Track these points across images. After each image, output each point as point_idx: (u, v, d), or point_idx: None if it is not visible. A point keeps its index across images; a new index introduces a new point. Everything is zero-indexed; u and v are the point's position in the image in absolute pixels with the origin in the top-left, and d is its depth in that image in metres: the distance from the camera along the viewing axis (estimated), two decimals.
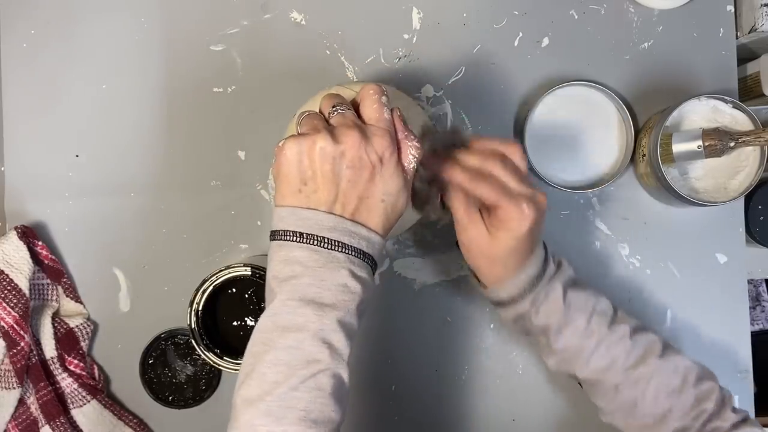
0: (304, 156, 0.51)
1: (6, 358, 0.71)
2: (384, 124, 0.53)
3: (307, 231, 0.51)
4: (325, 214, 0.51)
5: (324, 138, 0.50)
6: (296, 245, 0.51)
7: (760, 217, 0.78)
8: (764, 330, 1.06)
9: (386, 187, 0.52)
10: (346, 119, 0.52)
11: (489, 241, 0.58)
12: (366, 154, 0.51)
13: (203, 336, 0.72)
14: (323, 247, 0.51)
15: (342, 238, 0.51)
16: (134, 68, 0.78)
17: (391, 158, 0.52)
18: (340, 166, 0.51)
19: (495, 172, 0.57)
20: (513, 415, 0.77)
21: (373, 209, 0.52)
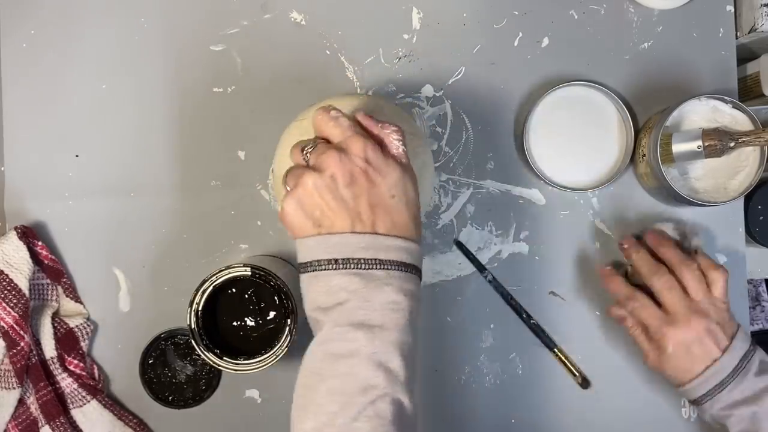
0: (304, 203, 0.51)
1: (6, 358, 0.71)
2: (349, 130, 0.52)
3: (341, 256, 0.50)
4: (355, 235, 0.50)
5: (310, 176, 0.50)
6: (333, 273, 0.50)
7: (760, 217, 0.78)
8: (764, 330, 1.06)
9: (387, 181, 0.51)
10: (317, 150, 0.52)
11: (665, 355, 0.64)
12: (352, 165, 0.50)
13: (203, 336, 0.72)
14: (362, 269, 0.49)
15: (378, 254, 0.50)
16: (134, 68, 0.78)
17: (375, 153, 0.51)
18: (338, 190, 0.50)
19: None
20: (513, 416, 0.77)
21: (391, 210, 0.51)
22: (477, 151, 0.78)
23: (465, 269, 0.77)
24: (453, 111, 0.78)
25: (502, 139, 0.78)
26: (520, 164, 0.78)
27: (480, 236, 0.78)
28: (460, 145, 0.78)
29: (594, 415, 0.77)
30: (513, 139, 0.78)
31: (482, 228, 0.78)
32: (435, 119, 0.78)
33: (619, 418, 0.77)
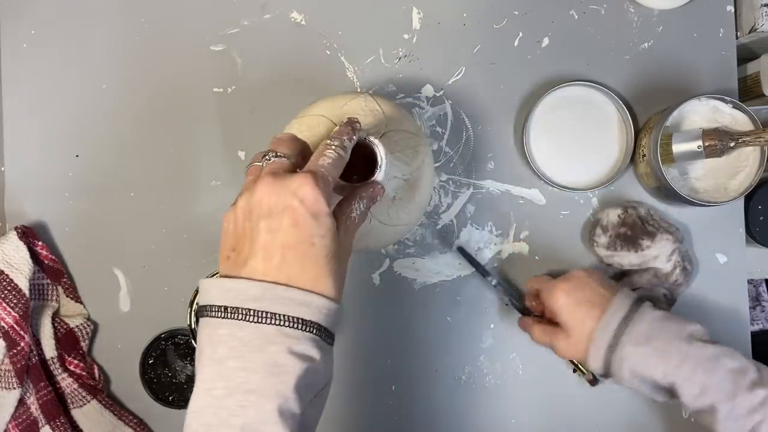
0: (231, 222, 0.48)
1: (6, 358, 0.71)
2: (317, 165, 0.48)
3: (231, 304, 0.45)
4: (250, 282, 0.45)
5: (244, 197, 0.47)
6: (220, 321, 0.45)
7: (760, 217, 0.78)
8: (764, 330, 1.06)
9: (313, 227, 0.45)
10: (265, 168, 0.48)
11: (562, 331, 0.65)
12: (281, 197, 0.45)
13: None
14: (249, 321, 0.44)
15: (271, 307, 0.44)
16: (134, 68, 0.78)
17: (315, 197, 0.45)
18: (257, 218, 0.46)
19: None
20: (513, 415, 0.77)
21: (304, 258, 0.45)
22: (477, 151, 0.78)
23: (465, 269, 0.77)
24: (453, 111, 0.78)
25: (502, 139, 0.78)
26: (520, 164, 0.78)
27: (480, 236, 0.78)
28: (460, 145, 0.78)
29: (594, 415, 0.77)
30: (513, 139, 0.78)
31: (482, 228, 0.78)
32: (435, 119, 0.78)
33: (620, 417, 0.77)
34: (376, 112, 0.63)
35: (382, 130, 0.62)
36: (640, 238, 0.72)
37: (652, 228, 0.73)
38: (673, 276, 0.73)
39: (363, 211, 0.51)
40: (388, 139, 0.62)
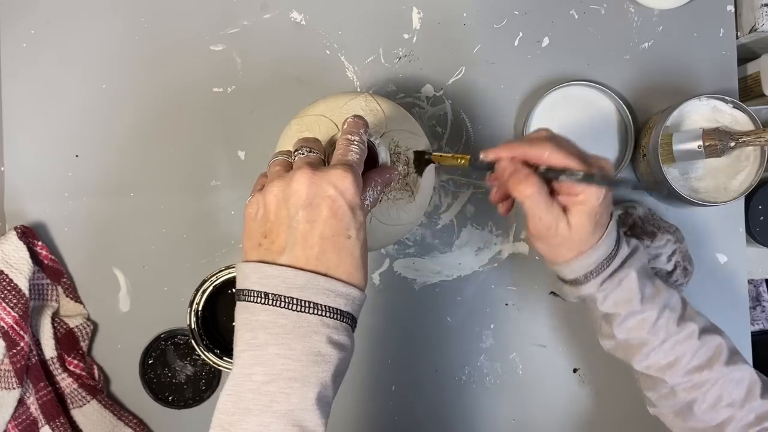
0: (260, 208, 0.48)
1: (6, 358, 0.71)
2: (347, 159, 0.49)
3: (273, 291, 0.45)
4: (294, 270, 0.45)
5: (277, 185, 0.47)
6: (260, 307, 0.45)
7: (760, 217, 0.78)
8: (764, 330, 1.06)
9: (350, 219, 0.47)
10: (301, 160, 0.49)
11: (565, 223, 0.55)
12: (321, 189, 0.46)
13: (203, 336, 0.72)
14: (292, 309, 0.45)
15: (314, 297, 0.45)
16: (134, 68, 0.78)
17: (353, 189, 0.47)
18: (295, 208, 0.46)
19: (549, 145, 0.54)
20: (513, 415, 0.77)
21: (341, 249, 0.46)
22: (477, 150, 0.77)
23: (465, 269, 0.77)
24: (453, 111, 0.78)
25: (502, 139, 0.78)
26: None
27: (480, 236, 0.77)
28: (460, 144, 0.78)
29: (594, 415, 0.77)
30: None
31: (482, 228, 0.78)
32: (435, 119, 0.78)
33: (619, 417, 0.77)
34: (376, 111, 0.63)
35: (382, 129, 0.62)
36: (640, 238, 0.72)
37: (652, 228, 0.73)
38: (674, 276, 0.73)
39: (376, 197, 0.52)
40: (389, 138, 0.62)
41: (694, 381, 0.58)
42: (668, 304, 0.59)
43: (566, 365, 0.77)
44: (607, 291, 0.58)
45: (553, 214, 0.55)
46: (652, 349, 0.59)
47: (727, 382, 0.58)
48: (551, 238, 0.57)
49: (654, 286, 0.60)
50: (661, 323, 0.59)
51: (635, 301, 0.58)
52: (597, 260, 0.57)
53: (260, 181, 0.52)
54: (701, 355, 0.59)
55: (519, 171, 0.55)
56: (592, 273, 0.58)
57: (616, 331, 0.59)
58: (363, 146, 0.51)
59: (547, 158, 0.54)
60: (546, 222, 0.55)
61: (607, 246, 0.57)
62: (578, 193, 0.54)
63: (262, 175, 0.53)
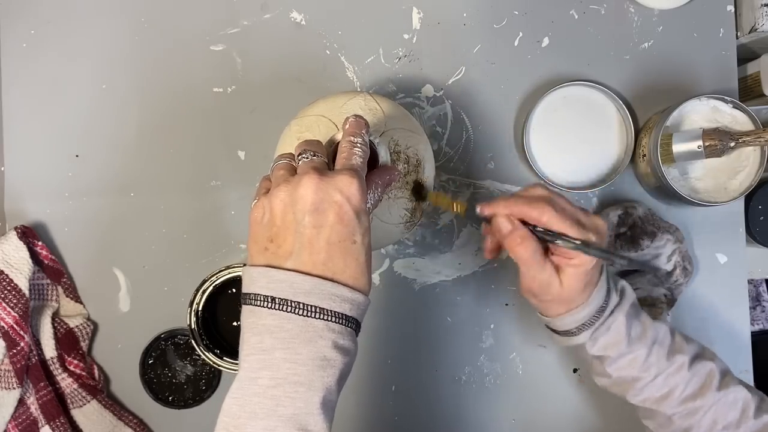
0: (266, 212, 0.48)
1: (6, 358, 0.71)
2: (351, 163, 0.49)
3: (280, 295, 0.45)
4: (300, 275, 0.46)
5: (284, 189, 0.47)
6: (267, 311, 0.45)
7: (760, 217, 0.78)
8: (764, 330, 1.06)
9: (356, 225, 0.47)
10: (307, 164, 0.49)
11: (557, 283, 0.56)
12: (328, 194, 0.46)
13: (203, 336, 0.72)
14: (298, 314, 0.45)
15: (321, 302, 0.45)
16: (134, 68, 0.78)
17: (359, 195, 0.47)
18: (301, 213, 0.46)
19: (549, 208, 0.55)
20: (513, 415, 0.77)
21: (347, 254, 0.47)
22: (477, 151, 0.78)
23: (465, 269, 0.77)
24: (453, 111, 0.78)
25: (502, 139, 0.78)
26: (520, 164, 0.78)
27: (480, 236, 0.77)
28: (460, 145, 0.78)
29: (594, 415, 0.77)
30: (513, 139, 0.78)
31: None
32: (435, 119, 0.78)
33: (619, 417, 0.77)
34: (375, 110, 0.63)
35: (381, 128, 0.62)
36: (640, 238, 0.72)
37: (652, 228, 0.73)
38: (674, 276, 0.73)
39: (377, 199, 0.52)
40: (388, 137, 0.62)
41: (689, 409, 0.60)
42: (656, 339, 0.61)
43: (566, 365, 0.77)
44: (597, 336, 0.59)
45: (546, 274, 0.56)
46: (645, 384, 0.60)
47: (721, 406, 0.59)
48: (543, 296, 0.58)
49: (641, 324, 0.61)
50: (652, 360, 0.60)
51: (623, 344, 0.59)
52: (588, 314, 0.58)
53: (264, 185, 0.52)
54: (693, 384, 0.60)
55: (516, 231, 0.56)
56: (584, 325, 0.59)
57: (608, 370, 0.61)
58: (366, 148, 0.51)
59: (546, 222, 0.55)
60: (539, 281, 0.57)
61: (598, 300, 0.58)
62: (572, 257, 0.55)
63: (266, 178, 0.53)
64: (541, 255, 0.56)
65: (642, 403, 0.61)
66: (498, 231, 0.57)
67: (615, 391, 0.63)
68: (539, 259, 0.56)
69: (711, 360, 0.62)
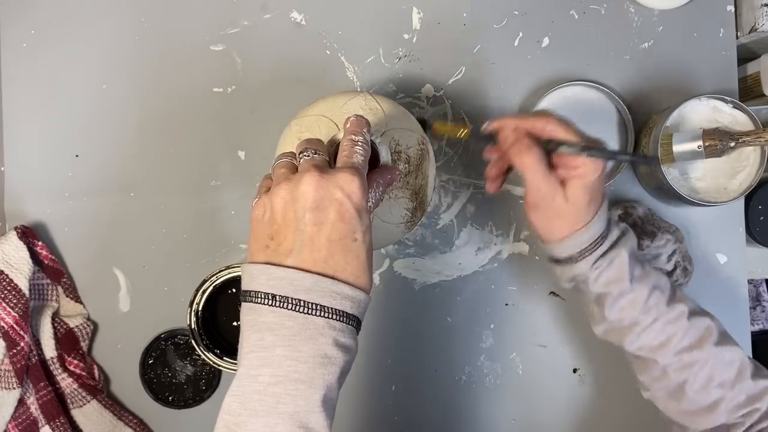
0: (267, 210, 0.48)
1: (6, 358, 0.71)
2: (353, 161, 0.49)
3: (281, 293, 0.45)
4: (301, 273, 0.46)
5: (284, 187, 0.47)
6: (267, 309, 0.45)
7: (760, 217, 0.78)
8: (764, 330, 1.06)
9: (357, 223, 0.47)
10: (308, 162, 0.49)
11: (561, 196, 0.57)
12: (328, 192, 0.46)
13: (203, 336, 0.72)
14: (299, 312, 0.45)
15: (322, 300, 0.45)
16: (134, 68, 0.78)
17: (360, 193, 0.47)
18: (302, 210, 0.46)
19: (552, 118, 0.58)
20: (513, 415, 0.77)
21: (348, 252, 0.47)
22: (477, 151, 0.78)
23: (465, 269, 0.77)
24: (453, 111, 0.78)
25: None
26: None
27: (480, 236, 0.78)
28: (460, 144, 0.78)
29: (594, 415, 0.77)
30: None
31: (482, 228, 0.78)
32: (435, 119, 0.78)
33: (619, 417, 0.77)
34: (376, 110, 0.63)
35: (382, 128, 0.62)
36: (640, 238, 0.72)
37: (652, 228, 0.73)
38: (674, 276, 0.73)
39: (378, 198, 0.52)
40: (389, 137, 0.62)
41: (685, 361, 0.59)
42: (657, 285, 0.61)
43: (566, 365, 0.77)
44: (600, 270, 0.59)
45: (551, 185, 0.57)
46: (643, 329, 0.60)
47: (718, 363, 0.59)
48: (548, 210, 0.58)
49: (642, 268, 0.61)
50: (652, 303, 0.60)
51: (626, 280, 0.59)
52: (591, 238, 0.59)
53: (265, 184, 0.52)
54: (691, 335, 0.60)
55: (521, 140, 0.58)
56: (586, 250, 0.59)
57: (607, 312, 0.60)
58: (367, 147, 0.51)
59: (549, 130, 0.57)
60: (544, 192, 0.57)
61: (600, 225, 0.59)
62: (577, 166, 0.57)
63: (267, 177, 0.53)
64: (545, 165, 0.57)
65: (638, 350, 0.61)
66: (503, 143, 0.59)
67: (613, 338, 0.63)
68: (544, 169, 0.57)
69: (709, 317, 0.62)
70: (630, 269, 0.59)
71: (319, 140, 0.53)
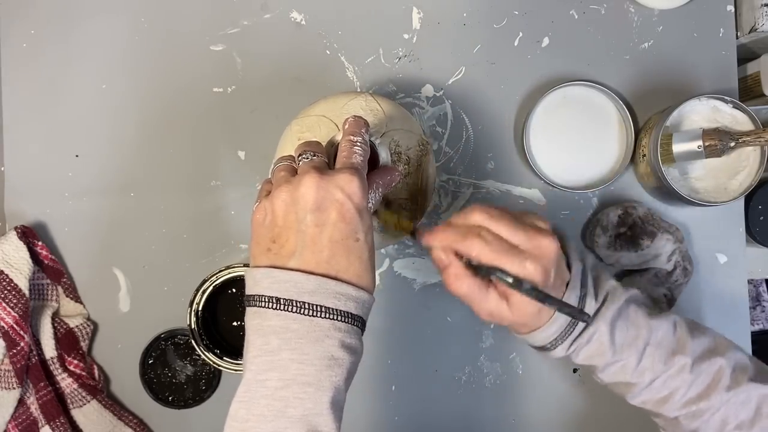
0: (268, 214, 0.48)
1: (6, 358, 0.71)
2: (352, 162, 0.49)
3: (285, 296, 0.45)
4: (304, 275, 0.45)
5: (285, 189, 0.47)
6: (272, 312, 0.45)
7: (760, 217, 0.78)
8: (764, 330, 1.06)
9: (359, 223, 0.47)
10: (307, 164, 0.49)
11: (506, 311, 0.53)
12: (329, 193, 0.46)
13: (203, 336, 0.72)
14: (304, 314, 0.45)
15: (326, 301, 0.45)
16: (134, 68, 0.78)
17: (360, 193, 0.47)
18: (303, 212, 0.46)
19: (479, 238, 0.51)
20: (513, 415, 0.77)
21: (350, 253, 0.47)
22: (477, 151, 0.78)
23: None
24: (453, 111, 0.78)
25: (502, 139, 0.78)
26: (520, 164, 0.78)
27: None
28: (460, 145, 0.78)
29: (593, 415, 0.77)
30: (513, 139, 0.78)
31: None
32: (435, 119, 0.78)
33: (619, 417, 0.77)
34: (376, 111, 0.63)
35: (382, 129, 0.62)
36: (640, 238, 0.72)
37: (652, 228, 0.73)
38: (674, 276, 0.73)
39: (378, 199, 0.52)
40: (389, 138, 0.62)
41: (693, 412, 0.57)
42: (650, 342, 0.57)
43: (566, 365, 0.77)
44: (578, 349, 0.56)
45: (492, 304, 0.53)
46: (642, 388, 0.58)
47: (731, 406, 0.56)
48: (499, 323, 0.55)
49: (633, 327, 0.57)
50: (645, 364, 0.57)
51: (608, 353, 0.56)
52: (557, 330, 0.55)
53: (266, 188, 0.52)
54: (697, 386, 0.57)
55: (449, 267, 0.52)
56: (557, 340, 0.56)
57: (600, 376, 0.59)
58: (366, 147, 0.51)
59: (476, 256, 0.51)
60: (486, 312, 0.53)
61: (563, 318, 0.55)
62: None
63: (267, 181, 0.53)
64: (479, 288, 0.52)
65: (642, 405, 0.60)
66: (436, 262, 0.53)
67: (615, 391, 0.62)
68: (479, 293, 0.52)
69: (722, 355, 0.58)
70: (611, 340, 0.55)
71: (317, 142, 0.53)
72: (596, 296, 0.57)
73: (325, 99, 0.64)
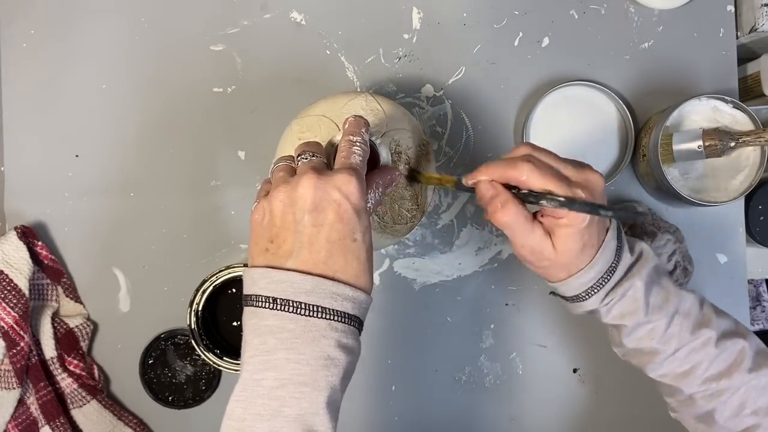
0: (266, 214, 0.48)
1: (6, 358, 0.71)
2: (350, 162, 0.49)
3: (281, 296, 0.45)
4: (301, 275, 0.46)
5: (283, 190, 0.47)
6: (269, 312, 0.45)
7: (760, 217, 0.78)
8: (764, 330, 1.06)
9: (356, 223, 0.47)
10: (306, 165, 0.49)
11: (549, 248, 0.52)
12: (326, 194, 0.46)
13: (203, 336, 0.72)
14: (300, 314, 0.45)
15: (322, 301, 0.45)
16: (134, 68, 0.78)
17: (358, 194, 0.47)
18: (301, 212, 0.46)
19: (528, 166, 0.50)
20: (513, 415, 0.77)
21: (348, 253, 0.47)
22: (477, 151, 0.78)
23: (465, 269, 0.77)
24: (453, 111, 0.78)
25: (502, 139, 0.78)
26: None
27: (480, 236, 0.77)
28: (460, 144, 0.78)
29: (593, 415, 0.77)
30: (513, 139, 0.78)
31: (482, 228, 0.78)
32: (435, 119, 0.78)
33: (619, 417, 0.77)
34: (376, 111, 0.63)
35: (383, 129, 0.62)
36: (640, 237, 0.72)
37: (652, 228, 0.73)
38: (674, 276, 0.73)
39: (378, 199, 0.52)
40: (389, 138, 0.62)
41: (713, 390, 0.55)
42: (679, 310, 0.56)
43: (566, 365, 0.77)
44: (611, 304, 0.55)
45: (536, 239, 0.52)
46: (665, 358, 0.56)
47: (751, 389, 0.55)
48: (537, 262, 0.54)
49: (664, 291, 0.56)
50: (672, 331, 0.55)
51: (640, 312, 0.55)
52: (594, 277, 0.54)
53: (264, 188, 0.52)
54: (719, 362, 0.55)
55: (497, 196, 0.52)
56: (592, 288, 0.54)
57: (625, 340, 0.57)
58: (365, 147, 0.51)
59: (525, 181, 0.50)
60: (529, 248, 0.53)
61: (603, 262, 0.53)
62: (562, 216, 0.51)
63: (266, 182, 0.53)
64: (526, 219, 0.51)
65: (661, 378, 0.57)
66: (481, 198, 0.53)
67: (634, 362, 0.59)
68: (524, 224, 0.51)
69: (744, 338, 0.56)
70: (645, 299, 0.54)
71: (317, 143, 0.53)
72: (632, 251, 0.56)
73: (325, 99, 0.64)
